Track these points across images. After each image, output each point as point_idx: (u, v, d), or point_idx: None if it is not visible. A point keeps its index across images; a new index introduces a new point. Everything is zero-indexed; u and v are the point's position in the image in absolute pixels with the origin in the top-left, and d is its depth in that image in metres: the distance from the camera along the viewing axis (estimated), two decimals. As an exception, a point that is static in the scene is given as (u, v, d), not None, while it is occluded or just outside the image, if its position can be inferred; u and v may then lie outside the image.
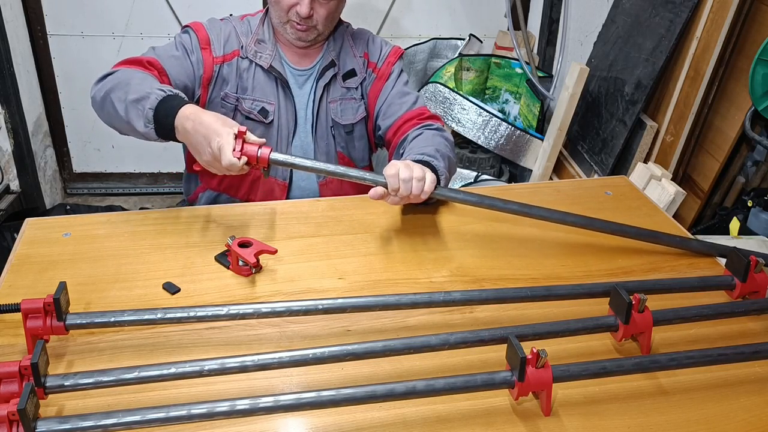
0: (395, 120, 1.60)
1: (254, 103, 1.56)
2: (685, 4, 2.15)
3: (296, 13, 1.49)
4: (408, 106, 1.61)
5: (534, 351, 0.89)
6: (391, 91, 1.63)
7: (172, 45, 1.54)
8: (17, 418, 0.78)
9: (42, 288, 1.14)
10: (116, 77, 1.37)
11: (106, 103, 1.35)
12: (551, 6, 3.09)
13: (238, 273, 1.21)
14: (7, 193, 2.92)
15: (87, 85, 1.45)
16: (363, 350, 0.95)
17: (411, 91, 1.66)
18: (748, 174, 2.04)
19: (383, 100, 1.63)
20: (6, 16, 2.73)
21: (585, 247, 1.34)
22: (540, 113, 2.98)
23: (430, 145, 1.45)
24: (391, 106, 1.62)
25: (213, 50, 1.54)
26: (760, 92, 1.87)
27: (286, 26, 1.53)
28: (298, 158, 1.25)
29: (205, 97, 1.56)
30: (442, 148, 1.45)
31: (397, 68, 1.66)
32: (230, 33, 1.57)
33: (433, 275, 1.23)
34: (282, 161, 1.23)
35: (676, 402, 0.96)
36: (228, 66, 1.55)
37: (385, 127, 1.62)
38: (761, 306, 1.12)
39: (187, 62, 1.51)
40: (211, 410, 0.84)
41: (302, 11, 1.47)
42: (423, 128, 1.55)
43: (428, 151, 1.41)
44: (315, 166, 1.26)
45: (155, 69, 1.44)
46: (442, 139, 1.51)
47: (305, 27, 1.51)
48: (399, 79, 1.65)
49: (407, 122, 1.58)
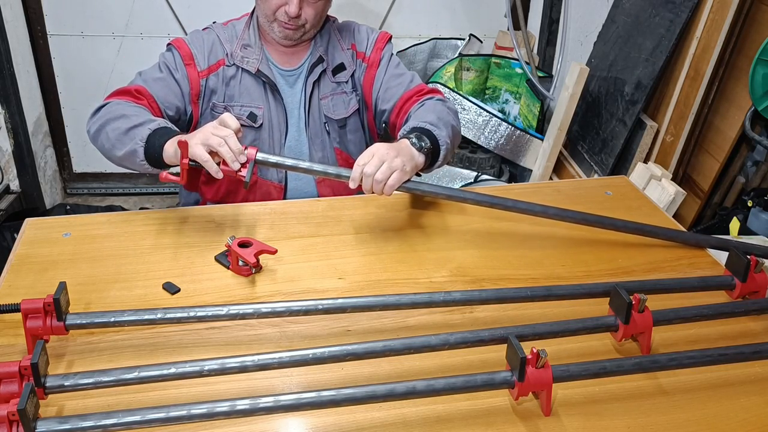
0: (396, 102, 1.59)
1: (242, 109, 1.57)
2: (685, 4, 2.15)
3: (284, 13, 1.49)
4: (405, 86, 1.60)
5: (534, 351, 0.89)
6: (385, 75, 1.62)
7: (156, 67, 1.54)
8: (17, 418, 0.78)
9: (42, 288, 1.14)
10: (106, 116, 1.39)
11: (101, 140, 1.39)
12: (551, 6, 3.09)
13: (238, 273, 1.21)
14: (7, 193, 2.92)
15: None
16: (363, 350, 0.95)
17: (405, 71, 1.65)
18: (748, 174, 2.04)
19: (378, 86, 1.63)
20: (6, 16, 2.73)
21: (585, 247, 1.34)
22: (540, 113, 2.98)
23: (432, 113, 1.44)
24: (388, 90, 1.61)
25: (197, 65, 1.54)
26: (760, 92, 1.87)
27: (273, 25, 1.53)
28: (276, 157, 1.26)
29: (197, 112, 1.57)
30: (444, 116, 1.45)
31: (386, 53, 1.65)
32: (213, 43, 1.57)
33: (433, 275, 1.23)
34: (262, 160, 1.24)
35: (676, 402, 0.96)
36: (214, 77, 1.55)
37: (388, 111, 1.61)
38: (761, 306, 1.12)
39: (173, 82, 1.52)
40: (211, 410, 0.84)
41: (291, 11, 1.47)
42: (425, 101, 1.54)
43: (430, 119, 1.41)
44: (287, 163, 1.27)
45: (143, 97, 1.46)
46: (444, 107, 1.50)
47: (293, 26, 1.51)
48: (390, 63, 1.64)
49: (408, 101, 1.57)
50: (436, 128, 1.38)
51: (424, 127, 1.37)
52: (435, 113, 1.44)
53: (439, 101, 1.53)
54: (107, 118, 1.37)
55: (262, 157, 1.23)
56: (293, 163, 1.27)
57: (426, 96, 1.56)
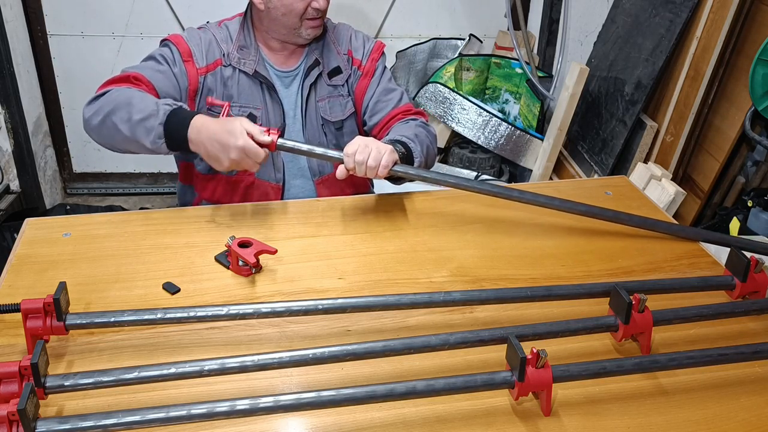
0: (383, 117, 1.65)
1: (241, 110, 1.57)
2: (685, 4, 2.15)
3: (314, 10, 1.52)
4: (394, 103, 1.65)
5: (534, 351, 0.89)
6: (377, 88, 1.66)
7: (152, 59, 1.53)
8: (17, 418, 0.78)
9: (42, 288, 1.14)
10: (112, 98, 1.37)
11: (105, 125, 1.36)
12: (551, 6, 3.09)
13: (238, 273, 1.21)
14: (7, 193, 2.92)
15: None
16: (363, 350, 0.95)
17: (395, 87, 1.69)
18: (748, 174, 2.04)
19: (369, 97, 1.66)
20: (6, 16, 2.73)
21: (585, 246, 1.34)
22: (540, 113, 2.98)
23: (411, 130, 1.52)
24: (378, 104, 1.65)
25: (195, 62, 1.54)
26: (760, 92, 1.87)
27: (301, 29, 1.54)
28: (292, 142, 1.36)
29: (193, 108, 1.56)
30: (422, 137, 1.52)
31: (380, 65, 1.69)
32: (210, 42, 1.57)
33: (433, 275, 1.23)
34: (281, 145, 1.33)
35: (676, 402, 0.96)
36: (212, 76, 1.55)
37: (372, 124, 1.66)
38: (761, 306, 1.12)
39: (171, 75, 1.51)
40: (211, 410, 0.84)
41: (321, 5, 1.51)
42: (409, 120, 1.62)
43: (409, 134, 1.48)
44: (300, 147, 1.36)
45: (143, 84, 1.44)
46: (424, 130, 1.57)
47: (320, 21, 1.55)
48: (383, 76, 1.68)
49: (393, 118, 1.63)
50: (413, 142, 1.46)
51: (401, 140, 1.45)
52: (414, 131, 1.52)
53: (421, 124, 1.61)
54: (112, 106, 1.35)
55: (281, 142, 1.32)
56: (308, 148, 1.36)
57: (411, 116, 1.64)
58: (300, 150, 1.36)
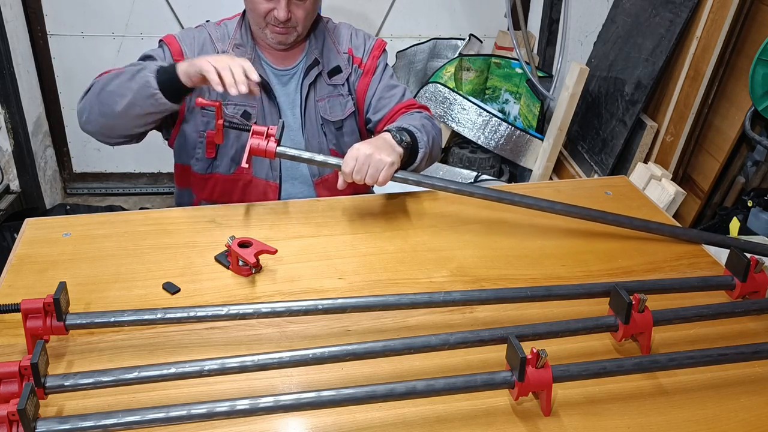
0: (386, 113, 1.64)
1: (236, 108, 1.56)
2: (685, 4, 2.15)
3: (274, 18, 1.49)
4: (397, 99, 1.65)
5: (534, 351, 0.89)
6: (379, 84, 1.66)
7: (145, 58, 1.54)
8: (17, 418, 0.78)
9: (42, 288, 1.14)
10: (101, 81, 1.42)
11: (100, 100, 1.39)
12: (551, 6, 3.09)
13: (238, 273, 1.21)
14: (7, 193, 2.92)
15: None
16: (363, 350, 0.95)
17: (398, 83, 1.69)
18: (748, 174, 2.04)
19: (372, 94, 1.66)
20: (6, 16, 2.73)
21: (585, 247, 1.34)
22: (540, 113, 2.98)
23: (417, 121, 1.51)
24: (380, 100, 1.65)
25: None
26: (760, 92, 1.87)
27: (266, 31, 1.53)
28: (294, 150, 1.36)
29: (184, 107, 1.56)
30: (428, 128, 1.52)
31: (382, 62, 1.68)
32: (205, 41, 1.57)
33: (433, 275, 1.23)
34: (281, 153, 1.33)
35: (676, 402, 0.96)
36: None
37: (376, 121, 1.66)
38: (761, 306, 1.12)
39: None
40: (211, 410, 0.84)
41: (280, 15, 1.47)
42: (413, 113, 1.61)
43: (415, 124, 1.48)
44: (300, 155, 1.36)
45: None
46: (429, 122, 1.57)
47: (284, 30, 1.52)
48: (385, 73, 1.68)
49: (397, 113, 1.63)
50: (419, 132, 1.45)
51: (408, 128, 1.44)
52: (420, 122, 1.51)
53: (427, 116, 1.60)
54: (101, 86, 1.39)
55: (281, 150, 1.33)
56: (309, 155, 1.36)
57: (415, 110, 1.63)
58: (300, 158, 1.35)
